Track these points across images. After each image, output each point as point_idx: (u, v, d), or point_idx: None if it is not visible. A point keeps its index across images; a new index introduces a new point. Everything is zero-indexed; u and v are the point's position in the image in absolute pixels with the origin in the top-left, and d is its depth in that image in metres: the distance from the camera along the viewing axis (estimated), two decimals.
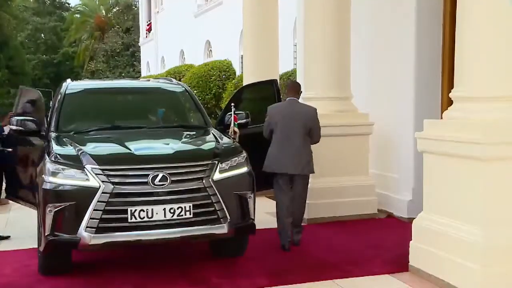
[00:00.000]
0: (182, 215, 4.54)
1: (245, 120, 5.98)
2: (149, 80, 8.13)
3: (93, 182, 4.46)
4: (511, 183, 4.20)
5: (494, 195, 4.20)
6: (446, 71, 6.52)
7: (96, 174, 4.48)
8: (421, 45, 6.78)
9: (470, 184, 4.28)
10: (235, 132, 5.86)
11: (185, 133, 5.54)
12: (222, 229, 4.66)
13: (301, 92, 6.00)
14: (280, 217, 5.66)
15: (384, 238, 5.97)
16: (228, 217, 4.67)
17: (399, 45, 7.06)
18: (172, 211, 4.52)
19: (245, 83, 8.92)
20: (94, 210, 4.39)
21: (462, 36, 4.49)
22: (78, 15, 45.87)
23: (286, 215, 5.61)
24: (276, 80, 6.86)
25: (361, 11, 7.53)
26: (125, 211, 4.44)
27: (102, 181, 4.45)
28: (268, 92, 6.52)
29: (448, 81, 6.35)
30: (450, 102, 4.82)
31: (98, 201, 4.40)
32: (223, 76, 15.65)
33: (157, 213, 4.49)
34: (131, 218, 4.45)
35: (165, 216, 4.51)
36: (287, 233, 5.60)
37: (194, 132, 5.68)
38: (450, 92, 4.74)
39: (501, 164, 4.17)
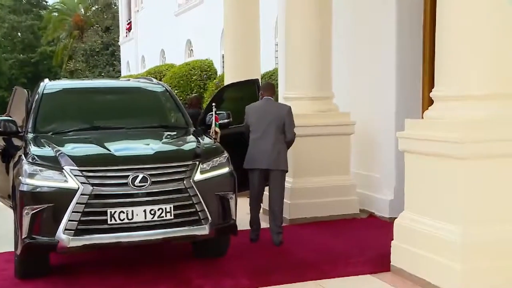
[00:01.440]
0: (162, 217, 4.53)
1: (226, 120, 5.99)
2: (129, 80, 8.08)
3: (71, 183, 4.43)
4: (491, 181, 4.27)
5: (474, 194, 4.25)
6: (427, 70, 6.58)
7: (74, 175, 4.45)
8: (402, 45, 6.83)
9: (450, 183, 4.33)
10: (216, 132, 5.86)
11: (166, 133, 5.52)
12: (203, 230, 4.66)
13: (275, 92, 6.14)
14: (250, 210, 5.90)
15: (366, 238, 6.01)
16: (209, 218, 4.67)
17: (380, 45, 7.11)
18: (152, 212, 4.50)
19: (226, 82, 8.90)
20: (73, 212, 4.35)
21: (441, 36, 4.55)
22: (56, 14, 45.27)
23: (255, 208, 5.88)
24: (258, 79, 6.88)
25: (342, 10, 7.56)
26: (105, 213, 4.42)
27: (81, 183, 4.42)
28: (250, 92, 6.53)
29: (429, 81, 6.41)
30: (431, 102, 4.87)
31: (77, 203, 4.36)
32: (204, 76, 15.60)
33: (137, 215, 4.47)
34: (110, 220, 4.42)
35: (145, 218, 4.49)
36: (255, 226, 5.88)
37: (175, 133, 5.66)
38: (431, 91, 4.79)
39: (480, 163, 4.23)
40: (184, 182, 4.63)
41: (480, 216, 4.27)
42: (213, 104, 6.01)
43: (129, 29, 31.16)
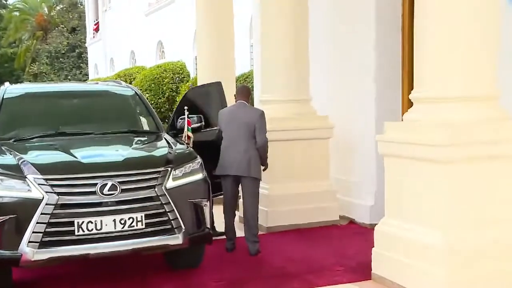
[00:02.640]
0: (133, 226, 4.51)
1: (198, 124, 6.01)
2: (97, 83, 8.03)
3: (35, 193, 4.37)
4: (472, 185, 4.34)
5: (456, 198, 4.31)
6: (406, 72, 6.68)
7: (39, 184, 4.40)
8: (381, 46, 6.91)
9: (431, 187, 4.39)
10: (188, 137, 5.86)
11: (136, 139, 5.50)
12: (176, 239, 4.64)
13: (251, 95, 6.14)
14: (224, 218, 5.92)
15: (346, 245, 6.06)
16: (183, 227, 4.66)
17: (358, 46, 7.18)
18: (122, 222, 4.48)
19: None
20: (37, 223, 4.30)
21: (420, 37, 4.63)
22: (17, 13, 44.64)
23: (229, 217, 5.89)
24: (220, 82, 6.86)
25: (319, 11, 7.63)
26: (72, 223, 4.37)
27: (46, 192, 4.37)
28: (213, 95, 6.57)
29: (409, 82, 6.51)
30: (411, 104, 4.94)
31: (41, 213, 4.31)
32: (177, 79, 15.56)
33: (106, 225, 4.44)
34: (78, 231, 4.38)
35: (115, 228, 4.46)
36: (231, 234, 5.89)
37: (145, 138, 5.65)
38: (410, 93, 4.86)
39: (461, 166, 4.29)
40: (156, 189, 4.62)
41: (463, 221, 4.34)
42: (186, 107, 6.01)
43: (96, 29, 30.90)
